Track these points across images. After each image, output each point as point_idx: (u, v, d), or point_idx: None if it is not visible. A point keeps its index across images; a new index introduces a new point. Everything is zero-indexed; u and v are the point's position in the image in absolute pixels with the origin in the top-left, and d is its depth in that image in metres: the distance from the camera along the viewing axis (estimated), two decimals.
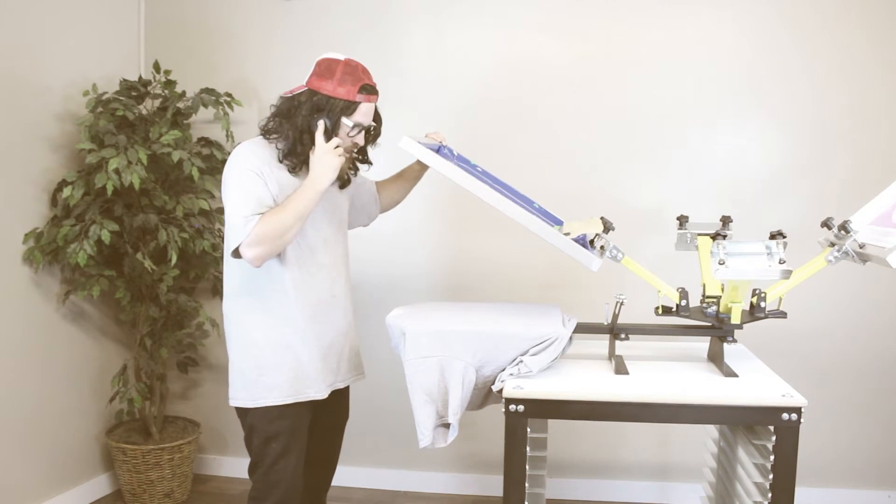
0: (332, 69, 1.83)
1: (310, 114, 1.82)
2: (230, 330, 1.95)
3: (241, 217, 1.76)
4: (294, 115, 1.84)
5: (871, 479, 2.89)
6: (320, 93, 1.82)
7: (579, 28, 2.89)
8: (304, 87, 1.84)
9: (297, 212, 1.78)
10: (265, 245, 1.76)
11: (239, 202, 1.78)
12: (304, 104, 1.82)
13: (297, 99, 1.84)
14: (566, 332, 1.82)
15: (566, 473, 3.03)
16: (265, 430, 1.91)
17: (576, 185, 2.92)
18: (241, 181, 1.81)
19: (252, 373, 1.90)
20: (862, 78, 2.76)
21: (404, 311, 2.01)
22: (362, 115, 1.86)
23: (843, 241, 1.80)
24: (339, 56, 1.86)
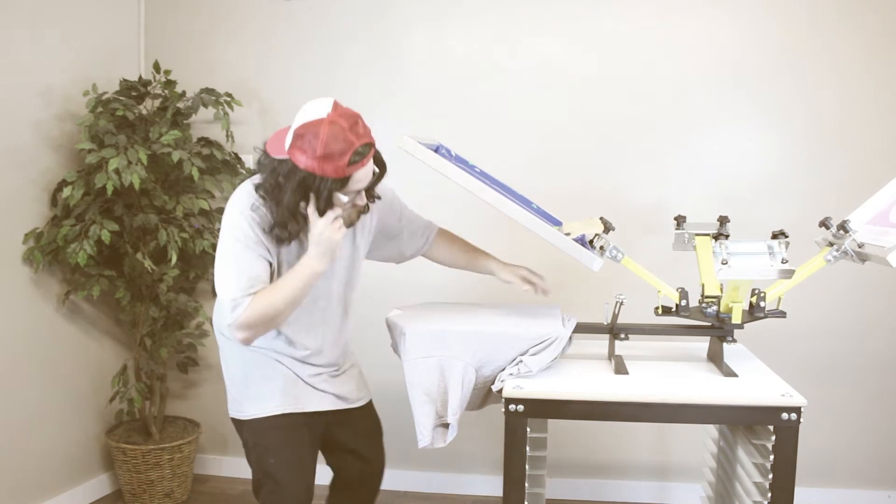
0: (314, 141, 1.54)
1: (296, 192, 1.60)
2: (220, 340, 1.89)
3: (230, 298, 1.61)
4: (279, 190, 1.61)
5: (871, 479, 2.89)
6: (305, 170, 1.57)
7: (579, 28, 2.89)
8: (286, 156, 1.59)
9: (290, 298, 1.62)
10: (255, 329, 1.63)
11: (230, 278, 1.63)
12: (288, 180, 1.59)
13: (281, 171, 1.60)
14: (566, 332, 1.82)
15: (566, 473, 3.03)
16: (259, 444, 1.83)
17: (576, 186, 2.92)
18: (233, 252, 1.64)
19: (241, 385, 1.84)
20: (860, 78, 2.76)
21: (404, 311, 2.01)
22: (358, 182, 1.63)
23: (842, 241, 1.80)
24: (322, 112, 1.57)
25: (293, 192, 1.59)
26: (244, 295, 1.61)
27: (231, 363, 1.86)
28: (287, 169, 1.59)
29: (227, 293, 1.62)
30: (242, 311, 1.60)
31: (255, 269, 1.64)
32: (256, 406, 1.82)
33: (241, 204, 1.68)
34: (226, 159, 2.98)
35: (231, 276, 1.63)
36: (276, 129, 3.06)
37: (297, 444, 1.83)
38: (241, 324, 1.61)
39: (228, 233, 1.66)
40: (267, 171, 1.63)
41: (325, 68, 3.05)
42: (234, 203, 1.70)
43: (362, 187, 1.65)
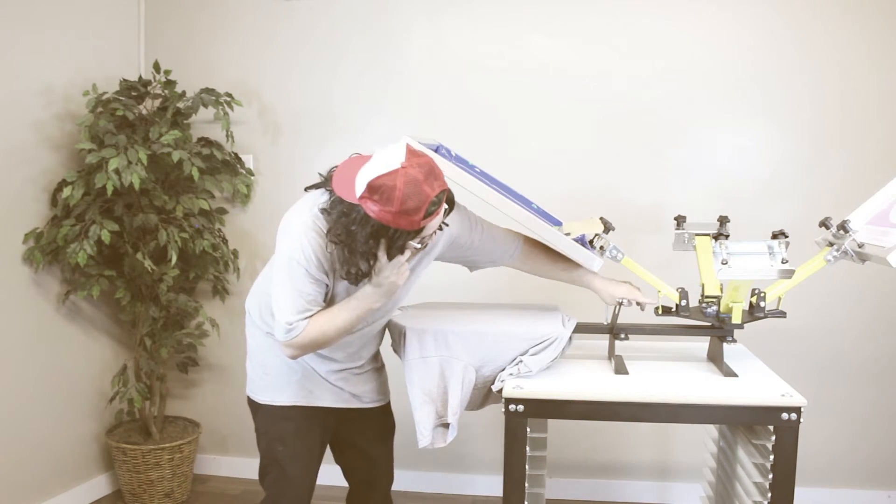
0: (390, 196, 1.48)
1: (369, 241, 1.56)
2: (250, 324, 1.92)
3: (286, 321, 1.63)
4: (350, 236, 1.56)
5: (871, 479, 2.89)
6: (379, 221, 1.51)
7: (579, 28, 2.89)
8: (357, 202, 1.53)
9: (343, 328, 1.67)
10: (303, 350, 1.69)
11: (287, 300, 1.64)
12: (361, 228, 1.54)
13: (352, 217, 1.54)
14: (566, 332, 1.82)
15: (566, 473, 3.03)
16: (270, 431, 1.88)
17: (575, 185, 2.92)
18: (293, 274, 1.63)
19: (259, 369, 1.88)
20: (859, 78, 2.76)
21: (404, 311, 2.01)
22: (432, 229, 1.60)
23: (842, 241, 1.80)
24: (395, 162, 1.50)
25: (365, 241, 1.55)
26: (300, 319, 1.63)
27: (255, 348, 1.90)
28: (359, 217, 1.53)
29: (283, 315, 1.64)
30: (297, 335, 1.64)
31: (312, 293, 1.65)
32: (271, 394, 1.86)
33: (305, 226, 1.63)
34: (226, 159, 2.98)
35: (289, 298, 1.63)
36: (276, 128, 3.08)
37: (306, 436, 1.87)
38: (295, 345, 1.66)
39: (290, 253, 1.63)
40: (336, 210, 1.58)
41: (325, 68, 3.05)
42: (296, 223, 1.64)
43: (434, 231, 1.62)
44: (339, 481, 3.25)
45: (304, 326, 1.63)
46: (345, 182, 1.56)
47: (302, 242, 1.62)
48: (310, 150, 3.08)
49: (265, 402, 1.87)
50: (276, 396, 1.86)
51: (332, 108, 3.05)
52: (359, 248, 1.57)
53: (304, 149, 3.08)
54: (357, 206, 1.53)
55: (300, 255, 1.62)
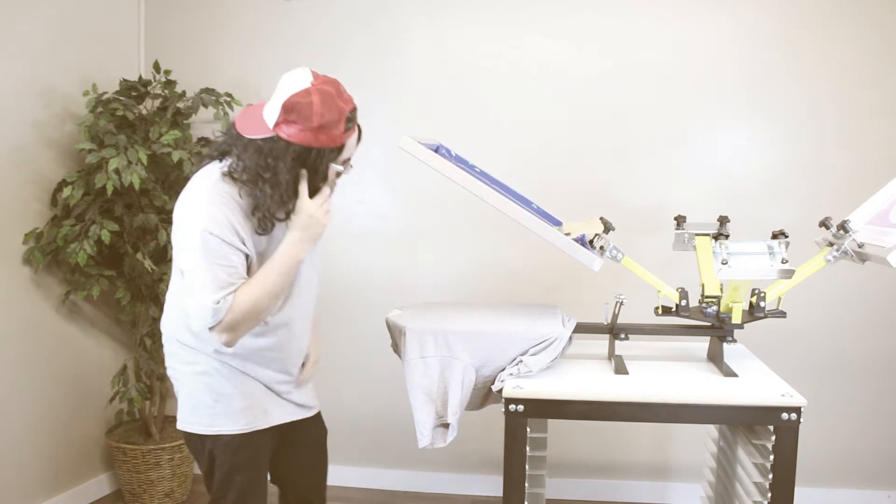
0: (307, 112, 1.45)
1: (292, 170, 1.49)
2: (173, 350, 1.70)
3: (211, 301, 1.47)
4: (271, 171, 1.48)
5: (871, 479, 2.89)
6: (300, 145, 1.47)
7: (579, 28, 2.89)
8: (271, 133, 1.48)
9: (274, 291, 1.53)
10: (240, 330, 1.52)
11: (206, 278, 1.48)
12: (280, 159, 1.47)
13: (269, 150, 1.47)
14: (566, 332, 1.82)
15: (566, 473, 3.03)
16: (228, 462, 1.69)
17: (576, 185, 2.92)
18: (207, 248, 1.48)
19: (207, 398, 1.66)
20: (859, 78, 2.76)
21: (404, 310, 2.01)
22: (349, 150, 1.57)
23: (842, 241, 1.80)
24: (304, 82, 1.48)
25: (289, 170, 1.48)
26: (226, 294, 1.48)
27: (191, 376, 1.67)
28: (277, 146, 1.46)
29: (206, 295, 1.47)
30: (226, 312, 1.48)
31: (232, 263, 1.51)
32: (226, 423, 1.67)
33: (210, 193, 1.51)
34: None
35: (208, 275, 1.48)
36: None
37: (263, 460, 1.75)
38: (226, 325, 1.49)
39: (197, 226, 1.48)
40: (249, 153, 1.48)
41: (325, 68, 3.02)
42: (198, 194, 1.52)
43: (351, 154, 1.58)
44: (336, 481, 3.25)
45: (230, 301, 1.48)
46: (251, 123, 1.50)
47: (210, 210, 1.49)
48: None
49: (219, 432, 1.67)
50: (231, 425, 1.67)
51: None
52: (282, 181, 1.48)
53: None
54: (272, 138, 1.47)
55: (212, 224, 1.48)
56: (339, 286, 2.95)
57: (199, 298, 1.48)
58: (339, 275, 3.00)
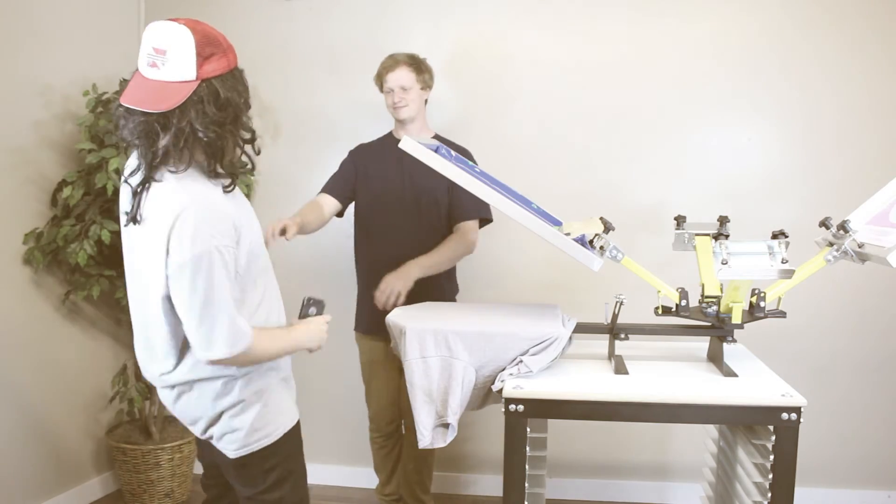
0: (216, 37, 1.40)
1: (235, 107, 1.44)
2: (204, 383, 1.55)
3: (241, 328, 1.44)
4: (218, 125, 1.40)
5: (870, 479, 2.89)
6: (223, 75, 1.40)
7: (579, 28, 2.89)
8: (195, 81, 1.37)
9: (275, 353, 1.55)
10: (238, 361, 1.48)
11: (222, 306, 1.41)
12: (215, 103, 1.39)
13: (203, 101, 1.38)
14: (566, 332, 1.82)
15: (566, 473, 3.03)
16: (293, 464, 1.67)
17: (575, 185, 2.92)
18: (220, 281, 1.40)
19: (256, 405, 1.58)
20: (859, 78, 2.76)
21: (404, 310, 2.01)
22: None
23: (842, 241, 1.80)
24: (169, 24, 1.37)
25: (235, 107, 1.42)
26: (249, 327, 1.46)
27: (230, 395, 1.55)
28: (208, 92, 1.37)
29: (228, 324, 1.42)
30: (249, 342, 1.45)
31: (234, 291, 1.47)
32: (282, 418, 1.62)
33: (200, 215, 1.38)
34: None
35: (224, 306, 1.41)
36: (276, 128, 3.08)
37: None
38: (243, 356, 1.46)
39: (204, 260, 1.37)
40: (188, 117, 1.36)
41: (325, 68, 3.05)
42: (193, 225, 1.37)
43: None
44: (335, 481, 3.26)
45: (251, 337, 1.45)
46: (159, 91, 1.35)
47: (200, 228, 1.37)
48: (310, 150, 3.08)
49: (284, 430, 1.61)
50: (286, 418, 1.63)
51: (332, 108, 3.05)
52: (242, 114, 1.45)
53: (305, 148, 3.08)
54: (199, 87, 1.36)
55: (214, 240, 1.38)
56: (339, 286, 2.95)
57: (221, 329, 1.41)
58: (340, 275, 3.00)
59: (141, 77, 1.38)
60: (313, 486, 2.55)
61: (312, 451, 2.38)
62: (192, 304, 1.40)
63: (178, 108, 1.36)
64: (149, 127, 1.37)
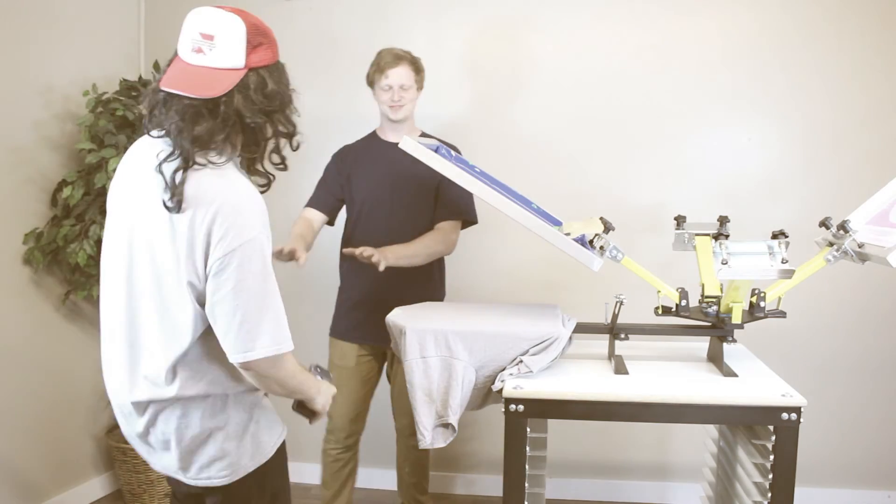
0: (263, 28, 1.39)
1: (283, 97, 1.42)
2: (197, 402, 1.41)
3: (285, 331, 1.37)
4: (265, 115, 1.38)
5: (870, 479, 2.89)
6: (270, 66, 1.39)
7: (578, 28, 2.89)
8: (243, 70, 1.33)
9: (291, 390, 1.45)
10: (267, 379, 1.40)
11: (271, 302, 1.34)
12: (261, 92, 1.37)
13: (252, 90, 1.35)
14: (566, 331, 1.82)
15: (566, 473, 3.03)
16: (283, 485, 1.57)
17: (575, 185, 2.92)
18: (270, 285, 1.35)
19: (244, 425, 1.46)
20: (859, 78, 2.76)
21: (404, 310, 2.01)
22: None
23: (842, 241, 1.80)
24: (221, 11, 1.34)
25: (281, 98, 1.40)
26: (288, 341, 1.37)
27: (221, 414, 1.43)
28: (256, 81, 1.34)
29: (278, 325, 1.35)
30: (290, 347, 1.37)
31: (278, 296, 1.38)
32: (274, 431, 1.52)
33: (257, 200, 1.36)
34: None
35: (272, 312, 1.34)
36: None
37: None
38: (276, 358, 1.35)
39: (256, 245, 1.31)
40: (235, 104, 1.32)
41: (325, 68, 3.05)
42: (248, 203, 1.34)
43: None
44: None
45: (288, 352, 1.37)
46: (207, 80, 1.31)
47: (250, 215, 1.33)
48: (310, 151, 3.07)
49: (273, 449, 1.51)
50: (273, 435, 1.51)
51: (332, 108, 3.05)
52: (287, 105, 1.43)
53: (305, 149, 3.07)
54: (246, 76, 1.33)
55: (265, 230, 1.36)
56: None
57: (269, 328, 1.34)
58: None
59: (184, 63, 1.33)
60: (313, 487, 2.55)
61: (313, 450, 2.39)
62: (238, 297, 1.30)
63: (226, 95, 1.31)
64: (195, 111, 1.31)
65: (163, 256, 1.34)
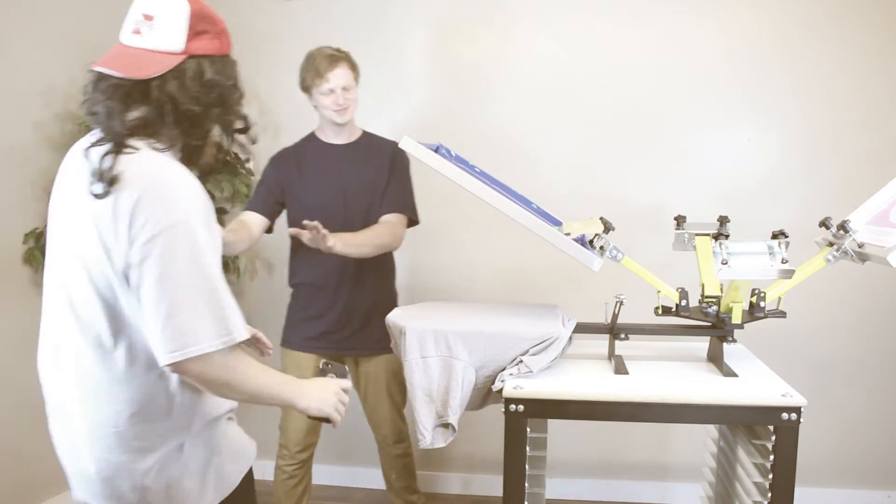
0: (210, 15, 1.30)
1: (229, 90, 1.33)
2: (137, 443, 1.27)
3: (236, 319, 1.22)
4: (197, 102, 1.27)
5: (870, 479, 2.89)
6: (212, 56, 1.29)
7: (578, 28, 2.89)
8: (181, 55, 1.24)
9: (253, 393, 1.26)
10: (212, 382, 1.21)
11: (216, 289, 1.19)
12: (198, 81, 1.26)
13: (187, 77, 1.24)
14: (566, 331, 1.82)
15: (566, 473, 3.03)
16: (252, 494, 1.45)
17: (575, 186, 2.92)
18: (211, 271, 1.19)
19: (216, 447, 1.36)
20: (859, 78, 2.76)
21: (404, 310, 2.01)
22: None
23: (842, 241, 1.80)
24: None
25: (221, 90, 1.29)
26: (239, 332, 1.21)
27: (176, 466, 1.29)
28: (193, 69, 1.24)
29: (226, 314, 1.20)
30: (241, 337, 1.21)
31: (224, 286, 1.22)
32: (237, 463, 1.39)
33: (189, 184, 1.22)
34: (226, 160, 2.97)
35: (216, 298, 1.19)
36: (277, 130, 3.07)
37: None
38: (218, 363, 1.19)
39: (186, 226, 1.17)
40: (168, 89, 1.22)
41: None
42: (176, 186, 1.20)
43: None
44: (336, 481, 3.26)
45: (245, 329, 1.23)
46: (140, 61, 1.22)
47: (182, 194, 1.20)
48: None
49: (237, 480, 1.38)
50: (239, 464, 1.38)
51: None
52: (231, 99, 1.33)
53: None
54: (183, 63, 1.23)
55: (198, 211, 1.21)
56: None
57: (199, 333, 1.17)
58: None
59: (121, 45, 1.25)
60: (313, 487, 2.55)
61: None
62: (163, 288, 1.14)
63: (158, 79, 1.21)
64: (125, 93, 1.21)
65: (83, 251, 1.21)
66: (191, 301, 1.16)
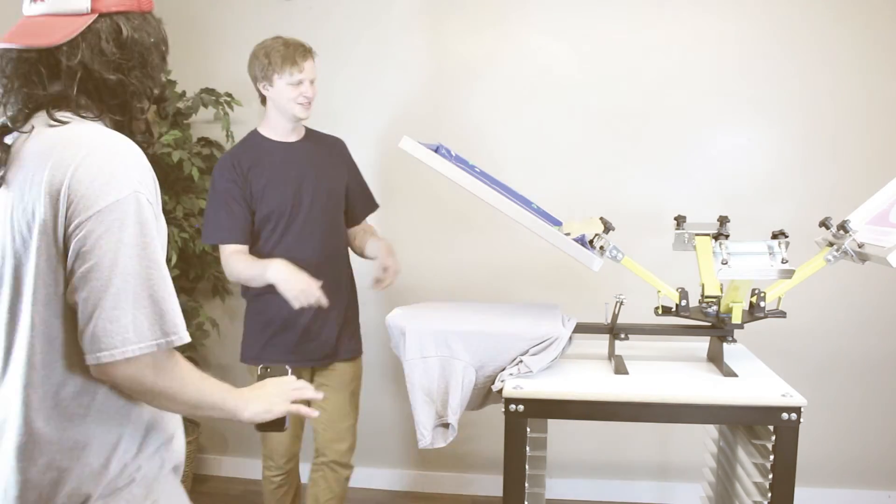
0: None
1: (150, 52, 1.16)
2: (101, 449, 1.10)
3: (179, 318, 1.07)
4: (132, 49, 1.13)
5: (871, 479, 2.89)
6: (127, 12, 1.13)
7: (578, 28, 2.89)
8: (89, 14, 1.09)
9: (193, 401, 1.10)
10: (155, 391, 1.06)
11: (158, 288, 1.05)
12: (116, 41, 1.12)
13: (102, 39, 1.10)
14: (566, 331, 1.82)
15: (566, 473, 3.03)
16: None
17: (575, 186, 2.92)
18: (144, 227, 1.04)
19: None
20: (859, 79, 2.76)
21: (404, 310, 2.01)
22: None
23: (842, 241, 1.80)
24: None
25: (142, 49, 1.14)
26: (181, 332, 1.06)
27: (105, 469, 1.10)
28: (106, 28, 1.10)
29: (171, 310, 1.06)
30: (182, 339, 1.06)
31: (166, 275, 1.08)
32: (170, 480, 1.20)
33: (124, 147, 1.07)
34: None
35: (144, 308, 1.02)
36: None
37: None
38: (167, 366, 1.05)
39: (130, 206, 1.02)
40: (79, 55, 1.08)
41: (324, 68, 3.04)
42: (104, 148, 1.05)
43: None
44: None
45: (185, 330, 1.07)
46: (42, 29, 1.09)
47: (123, 168, 1.04)
48: None
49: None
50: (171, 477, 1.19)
51: (332, 109, 3.04)
52: (152, 59, 1.16)
53: None
54: (95, 22, 1.09)
55: (143, 188, 1.05)
56: None
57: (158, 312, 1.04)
58: None
59: (25, 18, 1.12)
60: None
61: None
62: (92, 278, 0.99)
63: (67, 45, 1.07)
64: (30, 66, 1.08)
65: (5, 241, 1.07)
66: (126, 296, 1.00)
